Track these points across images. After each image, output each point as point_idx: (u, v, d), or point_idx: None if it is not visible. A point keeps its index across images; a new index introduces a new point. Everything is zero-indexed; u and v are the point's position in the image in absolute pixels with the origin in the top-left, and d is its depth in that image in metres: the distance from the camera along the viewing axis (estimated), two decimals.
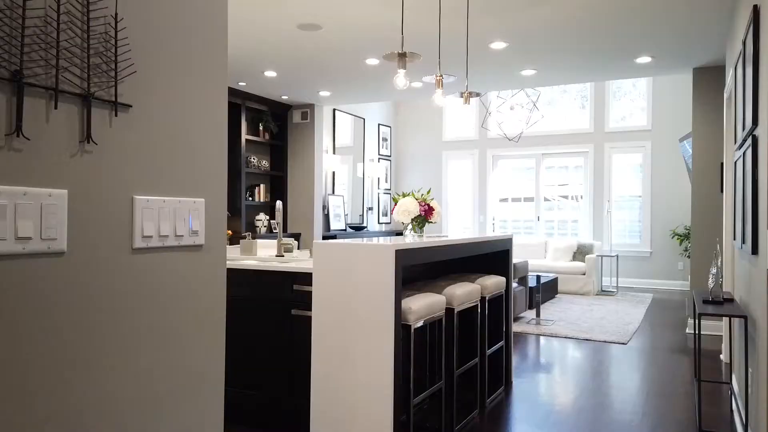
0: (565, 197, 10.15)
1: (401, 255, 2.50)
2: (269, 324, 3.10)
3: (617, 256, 9.15)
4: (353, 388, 2.54)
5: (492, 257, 4.08)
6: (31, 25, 1.04)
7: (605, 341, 5.50)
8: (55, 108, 1.08)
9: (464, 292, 3.17)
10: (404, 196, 3.29)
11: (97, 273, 1.16)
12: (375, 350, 2.48)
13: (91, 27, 1.14)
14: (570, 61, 5.95)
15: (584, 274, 8.63)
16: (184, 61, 1.35)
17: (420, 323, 2.69)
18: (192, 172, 1.38)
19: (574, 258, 9.08)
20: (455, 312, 3.09)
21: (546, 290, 7.68)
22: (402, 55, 2.92)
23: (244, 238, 3.80)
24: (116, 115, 1.19)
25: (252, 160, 7.80)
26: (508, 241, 4.05)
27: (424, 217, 3.22)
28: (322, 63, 6.01)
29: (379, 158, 10.54)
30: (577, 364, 4.69)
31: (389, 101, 10.87)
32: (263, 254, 4.01)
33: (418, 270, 3.68)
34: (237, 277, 3.17)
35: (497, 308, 3.95)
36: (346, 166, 9.47)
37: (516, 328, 6.05)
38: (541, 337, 5.69)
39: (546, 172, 10.24)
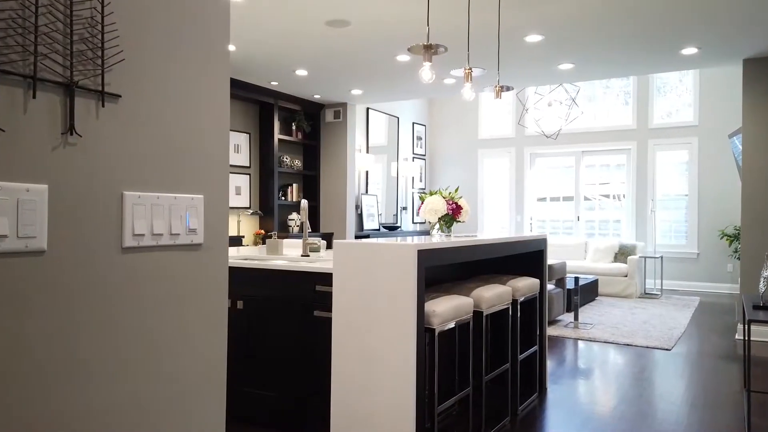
0: (607, 196, 9.81)
1: (424, 255, 2.39)
2: (292, 325, 3.03)
3: (662, 257, 8.78)
4: (374, 393, 2.44)
5: (525, 258, 3.92)
6: (6, 8, 0.97)
7: (647, 347, 5.24)
8: (34, 97, 1.01)
9: (494, 295, 3.03)
10: (432, 194, 3.17)
11: (82, 273, 1.09)
12: (397, 354, 2.38)
13: (74, 11, 1.07)
14: (610, 55, 5.71)
15: (626, 276, 8.31)
16: (180, 48, 1.27)
17: (445, 327, 2.57)
18: (190, 167, 1.30)
19: (616, 259, 8.76)
20: (484, 315, 2.96)
21: (585, 292, 7.42)
22: (427, 48, 2.81)
23: (270, 237, 3.74)
24: (103, 106, 1.12)
25: (285, 159, 7.80)
26: (542, 241, 3.88)
27: (452, 216, 3.09)
28: (352, 60, 5.94)
29: (413, 157, 10.42)
30: (617, 371, 4.47)
31: (424, 99, 10.74)
32: (291, 254, 3.95)
33: (446, 271, 3.56)
34: (260, 277, 3.11)
35: (530, 311, 3.78)
36: (380, 165, 9.39)
37: (552, 331, 5.84)
38: (579, 342, 5.47)
39: (586, 170, 9.92)
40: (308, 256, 3.64)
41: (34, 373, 1.02)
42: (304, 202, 3.50)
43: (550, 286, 6.36)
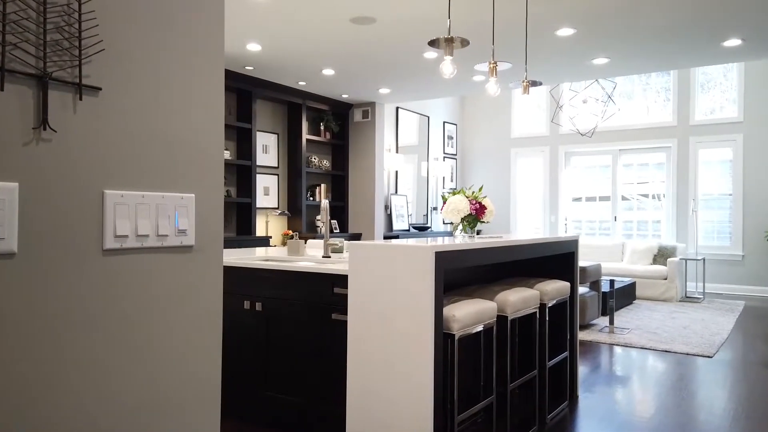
0: (645, 196, 9.47)
1: (442, 257, 2.28)
2: (310, 328, 2.96)
3: (704, 259, 8.42)
4: (390, 402, 2.35)
5: (556, 260, 3.76)
6: None
7: (688, 353, 5.00)
8: (2, 89, 0.95)
9: (519, 299, 2.90)
10: (455, 194, 3.05)
11: (58, 276, 1.03)
12: (413, 361, 2.27)
13: None
14: (647, 48, 5.48)
15: (666, 279, 7.99)
16: (169, 37, 1.20)
17: (466, 332, 2.45)
18: (179, 165, 1.23)
19: (655, 261, 8.44)
20: (509, 320, 2.83)
21: (621, 296, 7.15)
22: (449, 41, 2.69)
23: (292, 238, 3.69)
24: (81, 99, 1.06)
25: (313, 159, 7.77)
26: (573, 243, 3.71)
27: (476, 216, 2.97)
28: (379, 59, 5.86)
29: (444, 157, 10.28)
30: (654, 378, 4.26)
31: (455, 98, 10.59)
32: (315, 254, 3.89)
33: (469, 274, 3.43)
34: (278, 279, 3.05)
35: (560, 316, 3.63)
36: (410, 165, 9.29)
37: (586, 336, 5.64)
38: (615, 347, 5.26)
39: (623, 169, 9.60)
40: (329, 257, 3.57)
41: (4, 382, 0.96)
42: (325, 202, 3.43)
43: (584, 289, 6.15)
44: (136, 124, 1.15)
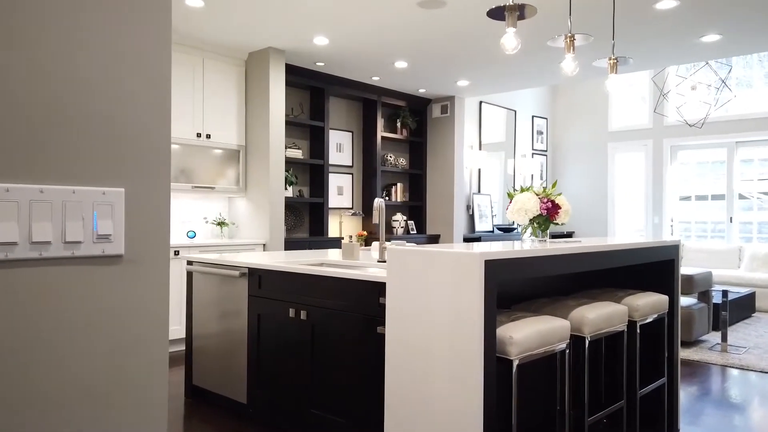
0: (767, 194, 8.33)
1: (495, 267, 1.87)
2: (354, 342, 2.64)
3: None
4: None
5: (651, 269, 3.20)
6: None
7: None
8: None
9: (600, 316, 2.41)
10: (523, 191, 2.61)
11: None
12: (459, 390, 1.89)
13: None
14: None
15: None
16: None
17: (527, 357, 2.03)
18: (99, 149, 0.95)
19: None
20: (586, 341, 2.36)
21: (737, 308, 6.24)
22: (511, 9, 2.27)
23: (354, 238, 3.39)
24: None
25: (389, 158, 7.48)
26: (673, 249, 3.13)
27: (547, 217, 2.52)
28: (453, 47, 5.45)
29: (532, 153, 9.63)
30: None
31: (545, 90, 9.90)
32: (376, 257, 3.58)
33: (541, 285, 2.97)
34: (324, 285, 2.76)
35: (656, 335, 3.07)
36: (496, 162, 8.77)
37: (692, 354, 4.91)
38: (728, 369, 4.52)
39: (741, 164, 8.50)
40: (385, 261, 3.24)
41: None
42: (378, 202, 3.11)
43: (690, 301, 5.39)
44: (28, 92, 0.88)
